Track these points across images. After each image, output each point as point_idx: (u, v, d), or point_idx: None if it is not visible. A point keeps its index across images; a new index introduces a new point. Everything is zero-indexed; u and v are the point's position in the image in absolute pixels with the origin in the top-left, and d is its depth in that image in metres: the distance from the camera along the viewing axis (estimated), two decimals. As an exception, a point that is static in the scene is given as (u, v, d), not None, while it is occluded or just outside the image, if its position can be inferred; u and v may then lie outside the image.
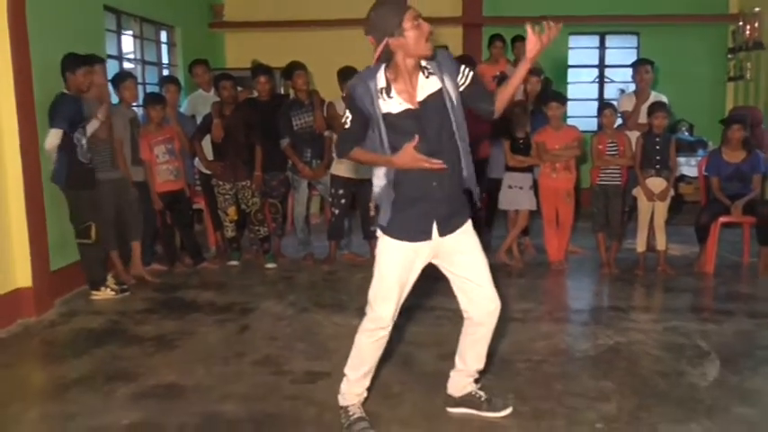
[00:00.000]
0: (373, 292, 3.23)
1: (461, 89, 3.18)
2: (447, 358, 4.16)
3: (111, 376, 4.02)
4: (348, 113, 3.16)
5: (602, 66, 10.25)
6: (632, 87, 7.05)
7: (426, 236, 3.19)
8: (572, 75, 10.13)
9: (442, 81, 3.11)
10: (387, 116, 3.06)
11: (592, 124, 8.15)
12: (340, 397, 3.37)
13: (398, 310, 3.26)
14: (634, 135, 6.36)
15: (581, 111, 9.44)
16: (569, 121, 6.63)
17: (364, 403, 3.41)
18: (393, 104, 3.07)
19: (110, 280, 5.65)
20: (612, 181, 6.24)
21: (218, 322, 5.01)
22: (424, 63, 3.12)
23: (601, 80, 10.27)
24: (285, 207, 7.19)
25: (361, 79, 3.16)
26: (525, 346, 4.43)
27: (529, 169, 6.46)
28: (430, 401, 3.62)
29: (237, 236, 6.81)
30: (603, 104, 6.66)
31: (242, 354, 4.35)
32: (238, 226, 6.80)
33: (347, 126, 3.17)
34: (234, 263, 6.72)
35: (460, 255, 3.31)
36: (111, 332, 4.84)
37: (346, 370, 3.34)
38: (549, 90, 7.22)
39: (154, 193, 6.23)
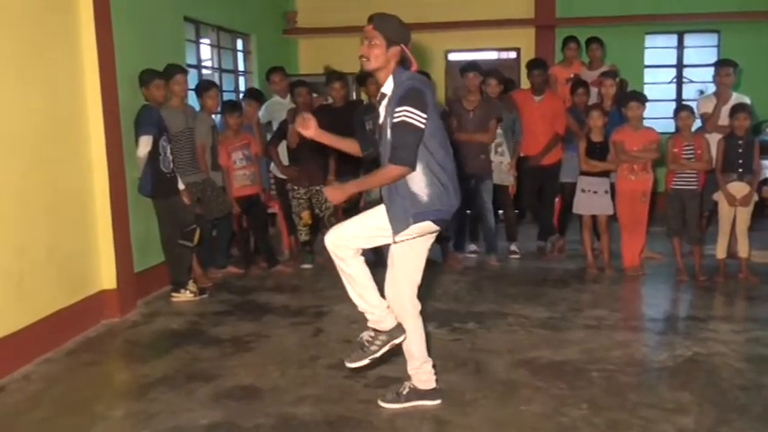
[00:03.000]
0: None
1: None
2: (521, 366, 4.18)
3: (191, 376, 4.16)
4: (420, 113, 3.22)
5: (680, 66, 9.98)
6: (712, 87, 6.85)
7: None
8: (648, 75, 9.90)
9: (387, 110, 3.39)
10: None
11: (669, 126, 7.95)
12: (381, 324, 3.48)
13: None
14: (714, 138, 6.18)
15: (658, 112, 9.20)
16: (646, 123, 6.48)
17: None
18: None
19: (190, 283, 5.84)
20: (688, 185, 6.07)
21: (292, 325, 5.11)
22: (388, 86, 3.41)
23: (679, 81, 10.01)
24: (358, 211, 7.26)
25: (425, 85, 3.33)
26: (599, 354, 4.37)
27: (605, 173, 6.35)
28: (502, 409, 3.62)
29: (311, 240, 6.92)
30: (680, 106, 6.49)
31: (316, 357, 4.44)
32: (312, 230, 6.92)
33: (421, 125, 3.24)
34: (307, 266, 6.84)
35: None
36: (191, 333, 5.01)
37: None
38: (627, 91, 7.10)
39: (231, 197, 6.40)
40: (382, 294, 3.51)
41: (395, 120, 3.23)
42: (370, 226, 3.43)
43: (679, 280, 6.08)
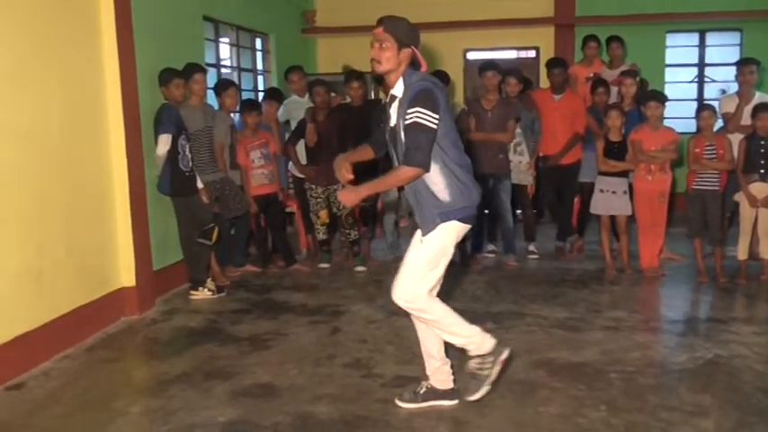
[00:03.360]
0: None
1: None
2: (539, 366, 4.15)
3: (209, 374, 4.18)
4: (432, 114, 3.22)
5: (701, 65, 9.88)
6: (735, 87, 6.77)
7: None
8: (669, 74, 9.81)
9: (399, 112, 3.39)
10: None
11: (690, 126, 7.87)
12: (483, 348, 3.52)
13: None
14: (736, 138, 6.11)
15: (679, 112, 9.13)
16: (666, 123, 6.43)
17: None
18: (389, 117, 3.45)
19: (208, 282, 5.86)
20: (710, 186, 6.00)
21: (309, 324, 5.12)
22: (398, 89, 3.40)
23: (700, 80, 9.91)
24: (375, 211, 7.27)
25: (435, 85, 3.32)
26: (618, 356, 4.33)
27: (624, 173, 6.30)
28: (520, 410, 3.60)
29: (328, 239, 6.94)
30: (702, 106, 6.42)
31: (333, 356, 4.44)
32: (329, 229, 6.93)
33: (433, 126, 3.23)
34: (324, 265, 6.85)
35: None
36: (209, 331, 5.03)
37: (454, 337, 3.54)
38: (646, 90, 7.04)
39: (249, 196, 6.42)
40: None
41: (407, 121, 3.23)
42: (424, 260, 3.39)
43: (699, 281, 6.02)
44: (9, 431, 3.52)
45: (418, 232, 3.46)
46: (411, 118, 3.21)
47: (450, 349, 3.75)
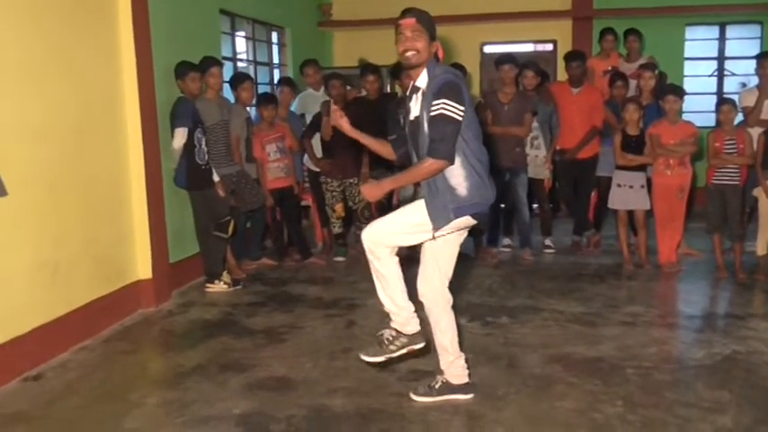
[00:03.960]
0: None
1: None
2: (554, 361, 4.14)
3: (224, 366, 4.20)
4: (457, 106, 3.21)
5: (721, 58, 9.77)
6: (755, 80, 6.69)
7: None
8: (689, 68, 9.70)
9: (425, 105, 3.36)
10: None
11: (709, 120, 7.80)
12: (405, 327, 3.52)
13: None
14: (756, 132, 6.03)
15: (698, 105, 9.04)
16: (685, 117, 6.36)
17: None
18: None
19: (224, 274, 5.88)
20: (730, 180, 5.93)
21: (325, 317, 5.13)
22: (422, 80, 3.39)
23: (720, 73, 9.80)
24: (391, 205, 7.26)
25: (459, 77, 3.32)
26: (635, 351, 4.30)
27: (641, 168, 6.25)
28: (535, 405, 3.59)
29: (344, 232, 6.94)
30: (722, 100, 6.35)
31: (348, 349, 4.44)
32: (345, 222, 6.93)
33: (458, 117, 3.21)
34: (340, 259, 6.85)
35: None
36: (225, 323, 5.04)
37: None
38: (664, 84, 6.97)
39: (265, 189, 6.43)
40: (410, 295, 3.49)
41: (432, 113, 3.21)
42: (410, 223, 3.40)
43: (718, 277, 5.96)
44: (27, 422, 3.55)
45: (420, 202, 3.41)
46: (437, 109, 3.19)
47: (463, 343, 3.74)
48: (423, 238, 3.42)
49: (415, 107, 3.38)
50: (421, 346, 3.55)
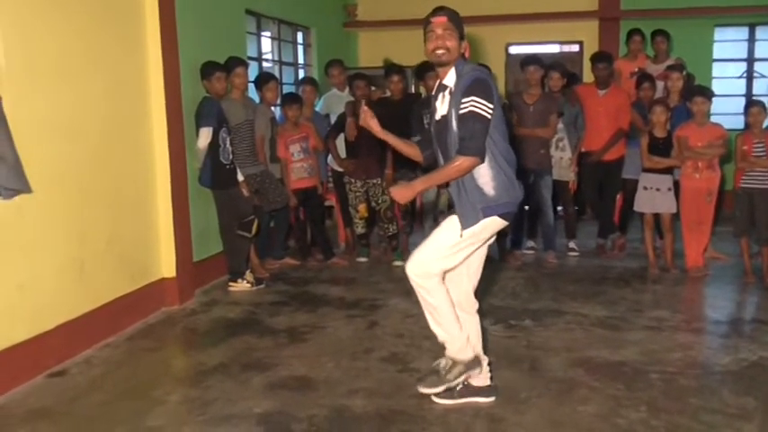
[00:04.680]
0: None
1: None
2: (577, 365, 4.10)
3: (246, 365, 4.21)
4: (487, 103, 3.19)
5: (750, 59, 9.63)
6: (785, 83, 6.59)
7: None
8: (717, 69, 9.58)
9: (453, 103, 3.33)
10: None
11: (738, 122, 7.69)
12: (460, 355, 3.49)
13: None
14: (786, 135, 5.94)
15: (727, 108, 8.91)
16: (714, 119, 6.28)
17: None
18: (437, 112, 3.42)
19: (247, 273, 5.90)
20: (759, 184, 5.84)
21: (347, 317, 5.13)
22: (450, 79, 3.36)
23: (749, 75, 9.66)
24: (414, 205, 7.25)
25: (489, 76, 3.32)
26: (660, 356, 4.25)
27: (668, 170, 6.17)
28: (557, 409, 3.56)
29: (367, 233, 6.94)
30: (750, 102, 6.26)
31: (370, 349, 4.44)
32: (368, 223, 6.93)
33: (488, 115, 3.20)
34: (363, 259, 6.85)
35: None
36: (247, 322, 5.07)
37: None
38: (692, 86, 6.88)
39: (289, 189, 6.45)
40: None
41: (462, 110, 3.19)
42: (449, 244, 3.34)
43: (745, 281, 5.88)
44: (51, 417, 3.59)
45: (453, 217, 3.38)
46: (466, 107, 3.17)
47: (487, 346, 3.72)
48: (465, 254, 3.38)
49: (441, 106, 3.36)
50: (478, 371, 3.55)
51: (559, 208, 7.20)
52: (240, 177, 5.85)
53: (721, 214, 6.55)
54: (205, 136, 5.54)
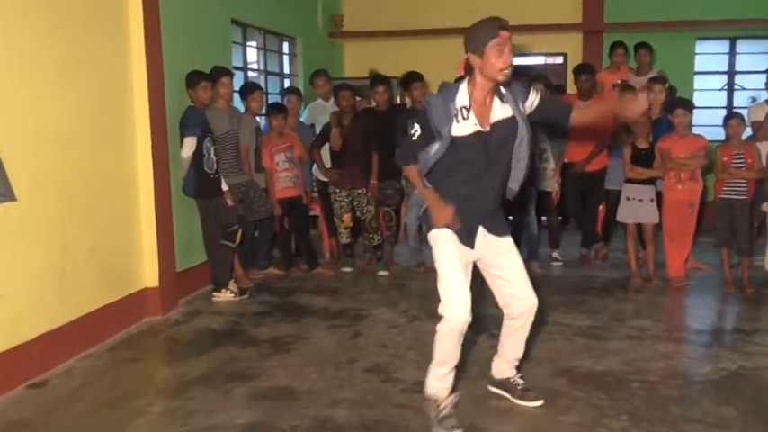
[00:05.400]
0: (442, 290, 3.45)
1: (531, 111, 3.41)
2: (560, 374, 4.12)
3: (229, 376, 4.20)
4: (417, 128, 3.33)
5: (731, 72, 9.74)
6: (765, 95, 6.67)
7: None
8: (699, 82, 9.68)
9: (516, 108, 3.34)
10: (455, 139, 3.26)
11: (720, 134, 7.76)
12: (426, 387, 3.50)
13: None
14: (765, 147, 6.02)
15: (709, 119, 9.01)
16: (696, 131, 6.35)
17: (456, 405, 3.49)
18: (466, 126, 3.28)
19: (231, 283, 5.89)
20: (738, 195, 5.91)
21: (331, 327, 5.12)
22: (502, 89, 3.33)
23: (730, 87, 9.77)
24: (399, 215, 7.26)
25: (441, 99, 3.34)
26: (641, 365, 4.27)
27: (651, 181, 6.23)
28: (540, 418, 3.57)
29: (352, 243, 6.94)
30: (730, 114, 6.34)
31: (354, 360, 4.43)
32: (353, 233, 6.93)
33: (413, 139, 3.35)
34: (347, 269, 6.85)
35: (500, 257, 3.55)
36: (231, 333, 5.05)
37: (433, 367, 3.47)
38: (674, 98, 6.95)
39: (273, 199, 6.45)
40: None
41: (537, 100, 3.41)
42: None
43: (726, 291, 5.93)
44: (30, 428, 3.56)
45: (490, 237, 3.46)
46: (538, 94, 3.43)
47: (469, 357, 3.72)
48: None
49: (496, 114, 3.32)
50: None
51: (543, 218, 7.24)
52: (224, 187, 5.84)
53: (702, 225, 6.61)
54: (189, 145, 5.53)
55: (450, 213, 3.32)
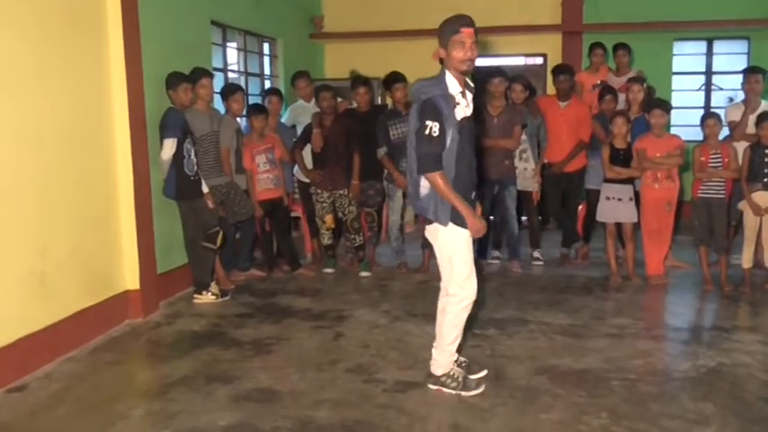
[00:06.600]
0: (462, 275, 3.76)
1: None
2: (541, 373, 4.15)
3: (211, 377, 4.18)
4: (433, 125, 3.48)
5: (709, 73, 9.86)
6: (741, 96, 6.76)
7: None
8: (677, 82, 9.79)
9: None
10: (460, 122, 3.55)
11: (697, 134, 7.84)
12: (438, 369, 3.86)
13: None
14: (742, 146, 6.09)
15: (686, 119, 9.12)
16: (673, 130, 6.41)
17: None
18: (462, 110, 3.60)
19: (212, 285, 5.87)
20: (715, 194, 5.98)
21: (312, 328, 5.12)
22: (470, 82, 3.70)
23: (707, 88, 9.88)
24: (380, 216, 7.28)
25: (435, 88, 3.56)
26: (621, 363, 4.32)
27: (629, 180, 6.29)
28: (521, 417, 3.59)
29: (333, 244, 6.94)
30: (707, 114, 6.41)
31: (335, 361, 4.44)
32: (335, 234, 6.93)
33: (434, 136, 3.48)
34: (329, 270, 6.85)
35: None
36: (212, 335, 5.03)
37: (446, 346, 3.84)
38: (652, 99, 7.03)
39: (254, 200, 6.44)
40: None
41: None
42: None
43: (704, 289, 6.00)
44: (11, 432, 3.54)
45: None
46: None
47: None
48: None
49: (468, 108, 3.65)
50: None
51: (524, 218, 7.28)
52: (205, 189, 5.82)
53: (681, 224, 6.68)
54: (169, 147, 5.51)
55: (484, 224, 3.70)
